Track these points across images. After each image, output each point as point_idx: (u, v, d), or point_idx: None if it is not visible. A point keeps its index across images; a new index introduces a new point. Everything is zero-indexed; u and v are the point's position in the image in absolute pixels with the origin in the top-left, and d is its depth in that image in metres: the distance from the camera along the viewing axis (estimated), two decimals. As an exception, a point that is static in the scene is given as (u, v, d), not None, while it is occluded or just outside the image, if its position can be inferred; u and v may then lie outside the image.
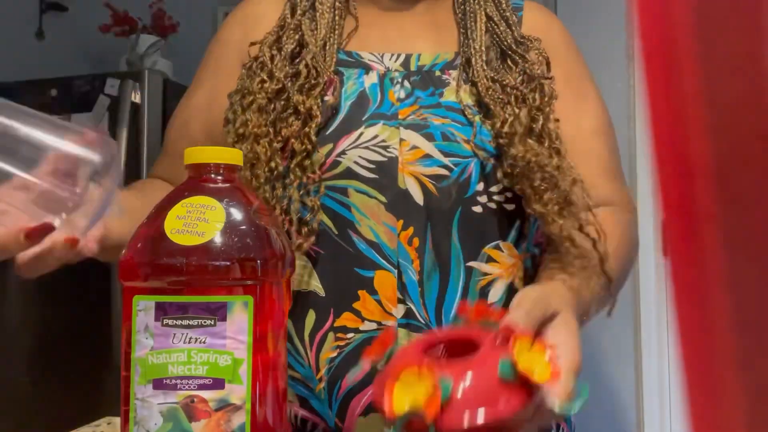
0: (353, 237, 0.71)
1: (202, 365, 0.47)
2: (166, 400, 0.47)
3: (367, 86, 0.76)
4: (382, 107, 0.75)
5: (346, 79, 0.77)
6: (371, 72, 0.78)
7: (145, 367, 0.48)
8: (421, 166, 0.72)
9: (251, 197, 0.54)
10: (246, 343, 0.48)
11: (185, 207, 0.50)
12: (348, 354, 0.70)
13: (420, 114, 0.74)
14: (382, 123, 0.73)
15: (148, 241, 0.49)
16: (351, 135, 0.73)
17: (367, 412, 0.69)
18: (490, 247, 0.74)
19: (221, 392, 0.47)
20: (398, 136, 0.73)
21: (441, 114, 0.74)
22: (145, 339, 0.48)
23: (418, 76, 0.78)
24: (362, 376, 0.69)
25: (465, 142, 0.73)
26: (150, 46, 2.58)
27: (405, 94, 0.76)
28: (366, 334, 0.70)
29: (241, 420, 0.47)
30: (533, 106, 0.74)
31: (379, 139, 0.72)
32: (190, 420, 0.47)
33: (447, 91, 0.76)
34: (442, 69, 0.78)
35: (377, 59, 0.79)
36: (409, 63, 0.79)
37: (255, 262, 0.49)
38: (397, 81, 0.77)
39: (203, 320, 0.47)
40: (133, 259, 0.49)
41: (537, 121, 0.73)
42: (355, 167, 0.72)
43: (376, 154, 0.72)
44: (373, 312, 0.70)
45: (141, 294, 0.49)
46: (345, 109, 0.74)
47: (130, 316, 0.49)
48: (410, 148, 0.72)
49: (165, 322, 0.48)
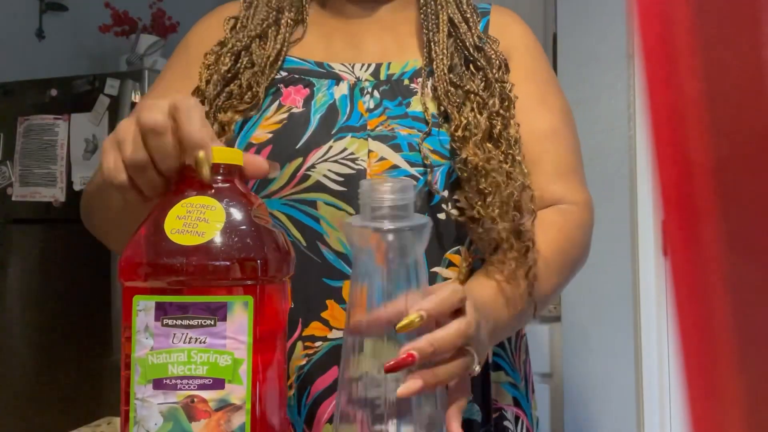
0: (322, 249, 0.72)
1: (202, 365, 0.47)
2: (166, 400, 0.47)
3: (337, 98, 0.77)
4: (350, 119, 0.75)
5: (316, 90, 0.77)
6: (342, 83, 0.78)
7: (145, 367, 0.48)
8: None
9: (251, 197, 0.54)
10: (246, 343, 0.48)
11: (185, 207, 0.50)
12: (316, 362, 0.71)
13: (388, 125, 0.75)
14: (350, 136, 0.74)
15: (148, 241, 0.49)
16: (320, 149, 0.73)
17: (333, 419, 0.70)
18: (451, 252, 0.75)
19: (221, 392, 0.47)
20: (367, 147, 0.73)
21: (407, 124, 0.75)
22: (145, 339, 0.48)
23: (388, 85, 0.78)
24: (330, 384, 0.70)
25: (431, 152, 0.73)
26: (150, 46, 2.59)
27: (374, 104, 0.77)
28: (334, 342, 0.70)
29: (241, 420, 0.47)
30: (493, 111, 0.74)
31: (347, 152, 0.73)
32: (190, 420, 0.47)
33: (414, 100, 0.77)
34: (411, 77, 0.79)
35: (348, 70, 0.80)
36: (379, 72, 0.79)
37: (255, 262, 0.49)
38: (367, 91, 0.78)
39: (203, 320, 0.47)
40: (133, 258, 0.49)
41: (495, 126, 0.73)
42: (325, 180, 0.72)
43: (345, 167, 0.73)
44: (340, 321, 0.71)
45: (141, 294, 0.49)
46: (314, 123, 0.75)
47: (130, 315, 0.49)
48: (378, 160, 0.73)
49: (165, 322, 0.48)
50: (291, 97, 0.77)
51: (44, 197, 2.34)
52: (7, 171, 2.41)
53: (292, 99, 0.77)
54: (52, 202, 2.33)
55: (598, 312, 2.04)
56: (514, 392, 0.79)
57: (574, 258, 0.78)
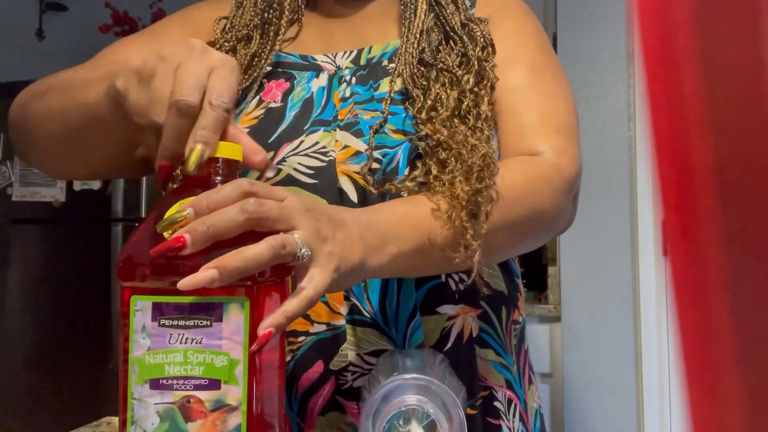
0: None
1: (198, 366, 0.47)
2: (163, 400, 0.47)
3: (314, 91, 0.77)
4: (324, 113, 0.75)
5: (296, 83, 0.78)
6: (322, 74, 0.78)
7: (142, 367, 0.48)
8: (352, 164, 0.71)
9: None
10: (242, 344, 0.48)
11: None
12: (301, 357, 0.70)
13: (353, 111, 0.74)
14: (322, 130, 0.73)
15: (146, 242, 0.49)
16: (292, 143, 0.73)
17: (325, 411, 0.70)
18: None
19: (217, 393, 0.47)
20: (335, 138, 0.73)
21: (372, 108, 0.74)
22: (143, 339, 0.48)
23: (366, 70, 0.78)
24: (317, 377, 0.70)
25: (393, 131, 0.72)
26: (150, 46, 2.59)
27: (349, 93, 0.76)
28: (316, 336, 0.70)
29: (237, 421, 0.47)
30: (466, 88, 0.71)
31: (319, 146, 0.73)
32: (187, 420, 0.47)
33: (384, 81, 0.76)
34: (390, 57, 0.78)
35: (330, 60, 0.80)
36: (360, 58, 0.79)
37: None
38: (345, 80, 0.77)
39: (200, 321, 0.47)
40: (131, 259, 0.49)
41: (463, 102, 0.70)
42: (295, 173, 0.72)
43: (315, 160, 0.72)
44: (321, 314, 0.70)
45: (138, 294, 0.49)
46: (289, 119, 0.75)
47: (127, 316, 0.49)
48: (342, 148, 0.72)
49: (162, 322, 0.48)
50: (272, 91, 0.77)
51: (44, 197, 2.34)
52: (7, 171, 2.41)
53: (273, 94, 0.77)
54: (52, 202, 2.33)
55: (598, 312, 2.04)
56: (506, 374, 0.78)
57: (535, 206, 0.69)
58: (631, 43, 1.98)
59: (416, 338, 0.71)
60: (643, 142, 2.00)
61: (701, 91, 0.24)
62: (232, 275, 0.45)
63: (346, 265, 0.52)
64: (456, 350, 0.73)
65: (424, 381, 0.55)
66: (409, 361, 0.61)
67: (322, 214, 0.52)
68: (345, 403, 0.70)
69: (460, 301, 0.74)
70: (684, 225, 0.24)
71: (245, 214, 0.47)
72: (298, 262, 0.49)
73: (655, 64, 0.25)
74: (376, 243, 0.57)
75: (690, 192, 0.24)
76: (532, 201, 0.68)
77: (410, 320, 0.71)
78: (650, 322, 1.97)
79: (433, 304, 0.73)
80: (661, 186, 0.25)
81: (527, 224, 0.69)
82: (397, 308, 0.71)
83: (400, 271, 0.63)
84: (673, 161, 0.25)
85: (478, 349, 0.75)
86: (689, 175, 0.24)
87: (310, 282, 0.50)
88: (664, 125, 0.25)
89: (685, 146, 0.24)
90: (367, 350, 0.70)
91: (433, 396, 0.54)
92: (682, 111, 0.25)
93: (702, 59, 0.25)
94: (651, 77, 0.25)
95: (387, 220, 0.59)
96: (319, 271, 0.50)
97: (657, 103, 0.25)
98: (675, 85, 0.25)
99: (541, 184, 0.69)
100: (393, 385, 0.55)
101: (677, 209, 0.25)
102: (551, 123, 0.74)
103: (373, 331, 0.70)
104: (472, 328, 0.74)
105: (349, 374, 0.70)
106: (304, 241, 0.49)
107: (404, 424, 0.53)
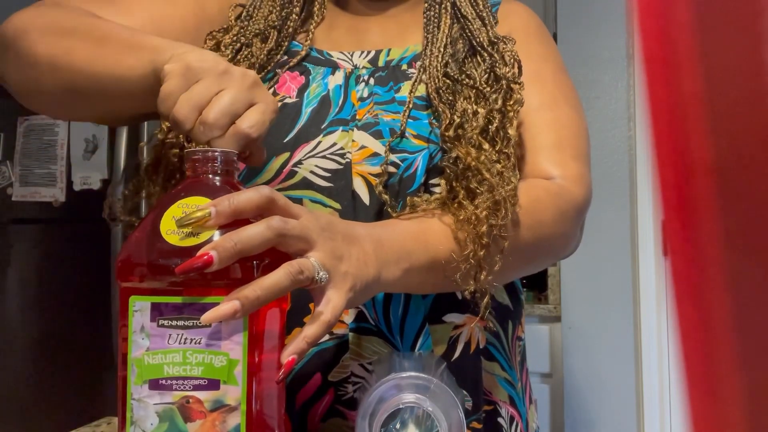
0: None
1: (197, 366, 0.47)
2: (162, 401, 0.47)
3: (331, 88, 0.75)
4: (342, 112, 0.74)
5: (311, 79, 0.76)
6: (338, 71, 0.77)
7: (141, 367, 0.48)
8: (368, 165, 0.70)
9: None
10: (241, 344, 0.48)
11: (181, 208, 0.49)
12: (302, 367, 0.69)
13: (372, 111, 0.73)
14: (340, 129, 0.72)
15: (144, 242, 0.49)
16: (309, 144, 0.72)
17: (326, 418, 0.69)
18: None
19: (216, 393, 0.47)
20: (352, 138, 0.71)
21: (393, 109, 0.73)
22: (142, 339, 0.48)
23: (384, 72, 0.77)
24: (316, 388, 0.69)
25: (414, 137, 0.71)
26: (150, 46, 2.59)
27: (368, 93, 0.75)
28: (318, 346, 0.69)
29: (236, 421, 0.47)
30: (494, 108, 0.70)
31: (337, 147, 0.71)
32: (186, 420, 0.47)
33: (405, 85, 0.75)
34: (410, 62, 0.77)
35: (346, 58, 0.79)
36: (378, 59, 0.78)
37: (251, 263, 0.49)
38: (363, 79, 0.76)
39: (199, 321, 0.47)
40: (130, 259, 0.49)
41: (492, 123, 0.69)
42: (311, 176, 0.71)
43: (332, 162, 0.71)
44: None
45: (137, 294, 0.49)
46: (305, 117, 0.73)
47: (126, 316, 0.49)
48: (359, 149, 0.71)
49: (161, 322, 0.48)
50: (286, 85, 0.76)
51: (44, 197, 2.34)
52: (7, 171, 2.41)
53: (287, 87, 0.76)
54: (52, 202, 2.33)
55: (598, 312, 2.04)
56: (510, 391, 0.77)
57: (545, 235, 0.70)
58: (631, 43, 1.98)
59: (425, 348, 0.70)
60: (643, 142, 2.00)
61: (701, 91, 0.24)
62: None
63: (361, 282, 0.54)
64: (463, 361, 0.72)
65: (423, 380, 0.55)
66: (406, 363, 0.61)
67: (336, 233, 0.53)
68: (346, 411, 0.69)
69: (467, 309, 0.73)
70: (684, 225, 0.24)
71: (272, 231, 0.48)
72: (316, 285, 0.50)
73: (655, 64, 0.25)
74: (388, 258, 0.58)
75: (690, 192, 0.24)
76: (542, 229, 0.69)
77: (420, 329, 0.70)
78: (650, 322, 1.97)
79: (440, 312, 0.72)
80: (661, 186, 0.25)
81: (536, 251, 0.70)
82: (404, 317, 0.70)
83: (411, 286, 0.64)
84: (673, 161, 0.25)
85: (484, 361, 0.74)
86: (689, 175, 0.24)
87: (327, 305, 0.51)
88: (664, 125, 0.25)
89: (685, 146, 0.24)
90: (370, 360, 0.69)
91: (432, 395, 0.54)
92: (682, 111, 0.24)
93: (702, 59, 0.25)
94: (651, 77, 0.25)
95: (401, 237, 0.60)
96: (336, 292, 0.51)
97: (657, 103, 0.25)
98: (675, 85, 0.25)
99: (552, 212, 0.70)
100: (390, 384, 0.55)
101: (677, 209, 0.24)
102: (567, 149, 0.75)
103: (377, 339, 0.69)
104: (479, 339, 0.74)
105: (350, 385, 0.69)
106: (320, 263, 0.50)
107: (401, 424, 0.53)
